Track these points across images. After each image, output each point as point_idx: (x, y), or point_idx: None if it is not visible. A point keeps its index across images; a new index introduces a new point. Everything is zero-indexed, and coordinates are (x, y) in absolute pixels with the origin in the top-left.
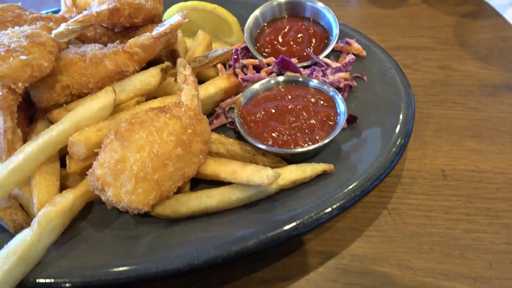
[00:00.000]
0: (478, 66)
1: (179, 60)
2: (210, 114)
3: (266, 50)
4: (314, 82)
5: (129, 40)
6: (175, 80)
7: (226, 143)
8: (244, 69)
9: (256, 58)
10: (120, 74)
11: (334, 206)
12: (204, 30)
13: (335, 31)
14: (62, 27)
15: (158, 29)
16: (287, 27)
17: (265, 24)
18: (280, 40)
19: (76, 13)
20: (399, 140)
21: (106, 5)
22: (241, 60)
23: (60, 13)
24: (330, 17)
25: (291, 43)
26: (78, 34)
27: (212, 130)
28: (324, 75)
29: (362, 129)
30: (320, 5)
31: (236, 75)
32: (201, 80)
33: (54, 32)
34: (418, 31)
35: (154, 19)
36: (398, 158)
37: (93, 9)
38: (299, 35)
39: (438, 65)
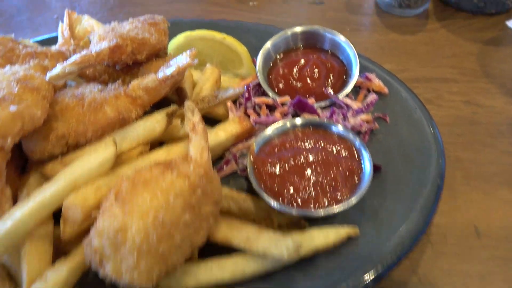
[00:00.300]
0: (506, 101)
1: (187, 104)
2: (219, 158)
3: (280, 84)
4: (336, 128)
5: (132, 82)
6: (182, 121)
7: (238, 200)
8: (256, 107)
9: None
10: (122, 121)
11: (366, 280)
12: (212, 61)
13: (355, 69)
14: (58, 68)
15: (164, 70)
16: (303, 60)
17: (278, 55)
18: (295, 74)
19: (74, 44)
20: (431, 194)
21: (107, 42)
22: (253, 99)
23: (57, 46)
24: (350, 53)
25: (307, 79)
26: (76, 75)
27: (222, 178)
28: (345, 118)
29: (387, 180)
30: (341, 38)
31: (248, 115)
32: (209, 118)
33: (49, 75)
34: (439, 60)
35: (159, 52)
36: (432, 216)
37: (92, 47)
38: (316, 70)
39: (463, 100)
